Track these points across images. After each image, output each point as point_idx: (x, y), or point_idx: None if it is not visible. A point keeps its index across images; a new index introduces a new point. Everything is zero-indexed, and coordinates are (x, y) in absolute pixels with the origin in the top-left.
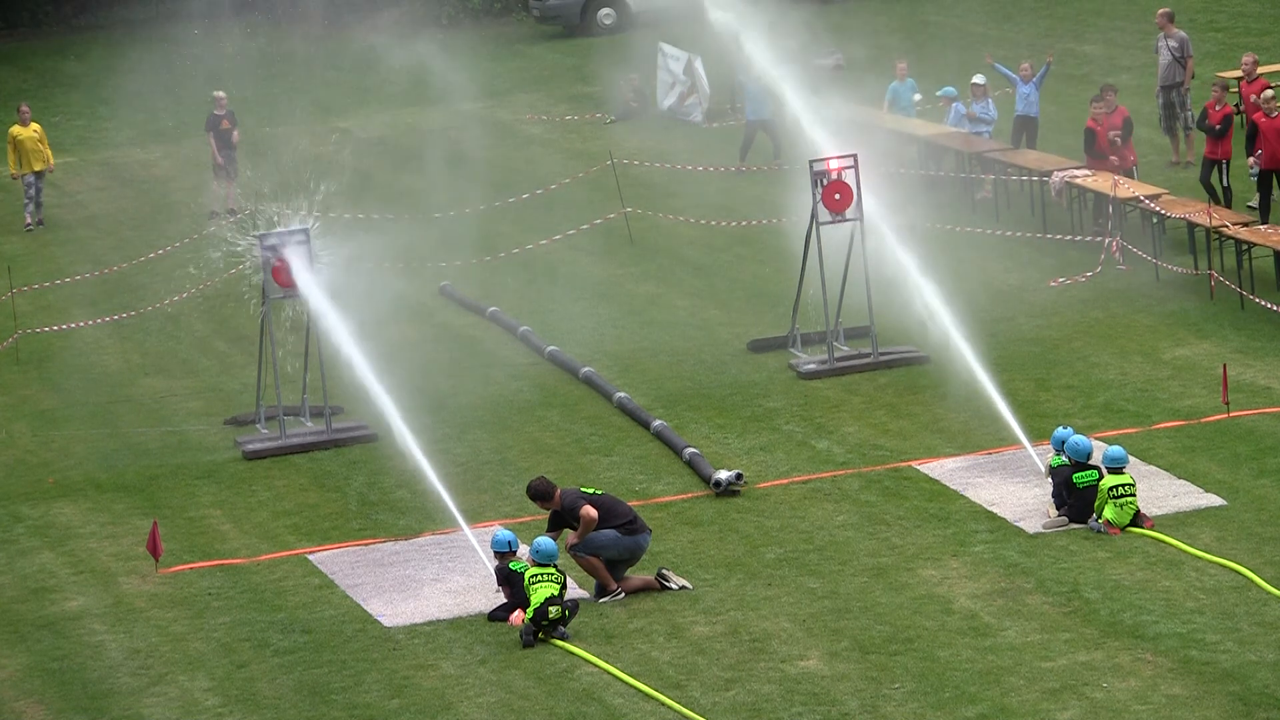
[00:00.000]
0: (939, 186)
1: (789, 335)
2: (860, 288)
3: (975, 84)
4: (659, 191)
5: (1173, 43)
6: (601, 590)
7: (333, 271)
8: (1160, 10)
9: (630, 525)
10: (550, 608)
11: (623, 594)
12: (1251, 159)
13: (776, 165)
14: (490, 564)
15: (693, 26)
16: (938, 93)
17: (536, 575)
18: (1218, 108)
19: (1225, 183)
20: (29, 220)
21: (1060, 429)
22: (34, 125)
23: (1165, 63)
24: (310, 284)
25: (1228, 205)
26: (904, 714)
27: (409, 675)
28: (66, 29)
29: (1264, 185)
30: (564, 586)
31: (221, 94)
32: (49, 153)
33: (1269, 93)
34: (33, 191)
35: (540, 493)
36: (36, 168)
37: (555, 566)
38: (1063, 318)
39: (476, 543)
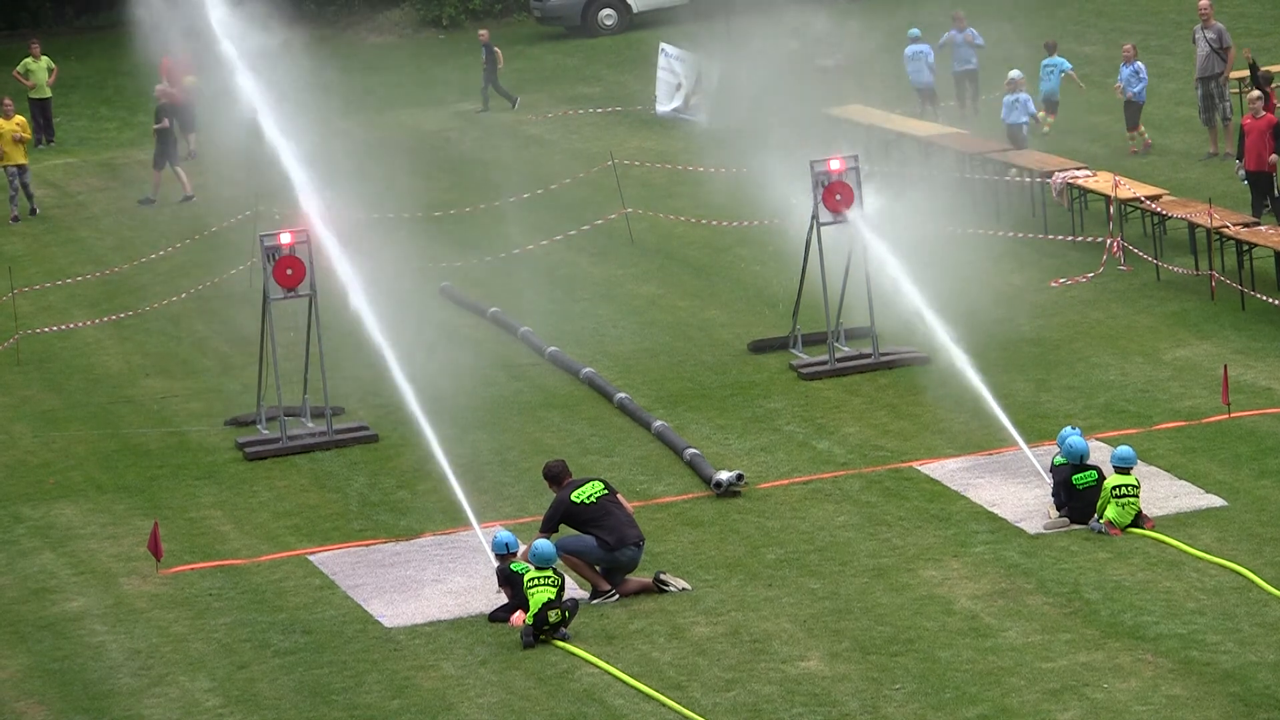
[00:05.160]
0: (937, 187)
1: (790, 336)
2: (861, 288)
3: (1012, 78)
4: (659, 192)
5: (1210, 34)
6: (595, 591)
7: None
8: (1201, 0)
9: (609, 544)
10: (549, 612)
11: (616, 595)
12: None
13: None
14: (494, 562)
15: (694, 27)
16: (909, 32)
17: (534, 579)
18: None
19: None
20: (14, 213)
21: (1066, 428)
22: (17, 118)
23: (1204, 54)
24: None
25: None
26: (905, 715)
27: (410, 676)
28: (68, 29)
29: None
30: (561, 589)
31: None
32: (23, 147)
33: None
34: (16, 184)
35: (550, 476)
36: (19, 160)
37: (553, 569)
38: (1063, 318)
39: (485, 541)
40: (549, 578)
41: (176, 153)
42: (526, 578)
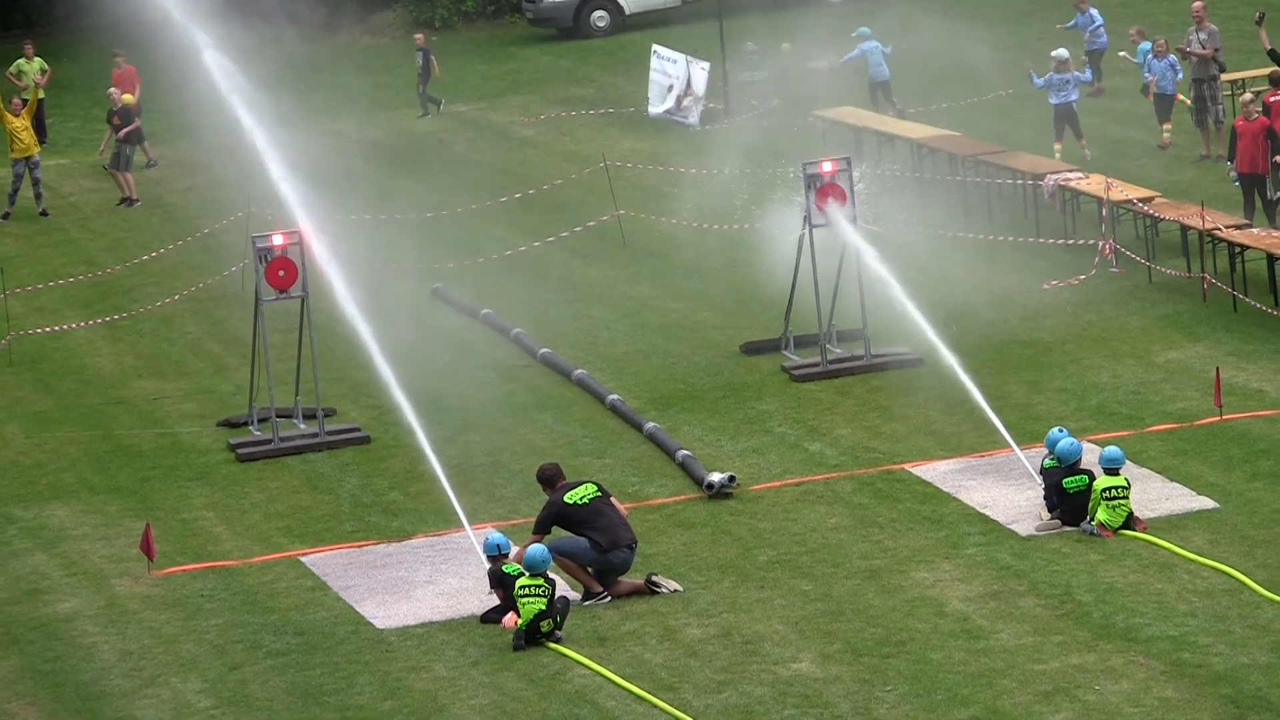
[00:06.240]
0: (932, 189)
1: (782, 338)
2: (854, 290)
3: (1058, 57)
4: (652, 194)
5: (1203, 35)
6: (587, 593)
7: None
8: (1195, 3)
9: (601, 545)
10: (541, 622)
11: (608, 597)
12: None
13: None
14: (486, 563)
15: (687, 28)
16: (860, 30)
17: (525, 588)
18: None
19: None
20: (8, 210)
21: (1055, 430)
22: (25, 113)
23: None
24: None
25: None
26: (896, 716)
27: (402, 677)
28: (61, 31)
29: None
30: (552, 597)
31: None
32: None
33: (1247, 95)
34: (17, 183)
35: (543, 479)
36: (32, 150)
37: (544, 575)
38: (1056, 320)
39: (476, 542)
40: (540, 586)
41: (124, 157)
42: (517, 585)
